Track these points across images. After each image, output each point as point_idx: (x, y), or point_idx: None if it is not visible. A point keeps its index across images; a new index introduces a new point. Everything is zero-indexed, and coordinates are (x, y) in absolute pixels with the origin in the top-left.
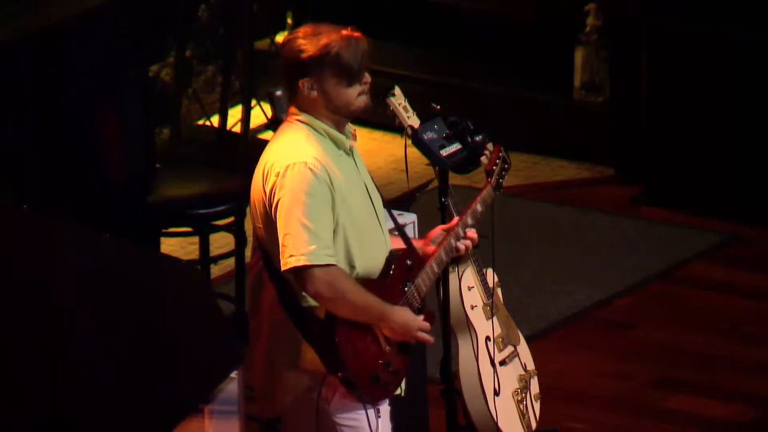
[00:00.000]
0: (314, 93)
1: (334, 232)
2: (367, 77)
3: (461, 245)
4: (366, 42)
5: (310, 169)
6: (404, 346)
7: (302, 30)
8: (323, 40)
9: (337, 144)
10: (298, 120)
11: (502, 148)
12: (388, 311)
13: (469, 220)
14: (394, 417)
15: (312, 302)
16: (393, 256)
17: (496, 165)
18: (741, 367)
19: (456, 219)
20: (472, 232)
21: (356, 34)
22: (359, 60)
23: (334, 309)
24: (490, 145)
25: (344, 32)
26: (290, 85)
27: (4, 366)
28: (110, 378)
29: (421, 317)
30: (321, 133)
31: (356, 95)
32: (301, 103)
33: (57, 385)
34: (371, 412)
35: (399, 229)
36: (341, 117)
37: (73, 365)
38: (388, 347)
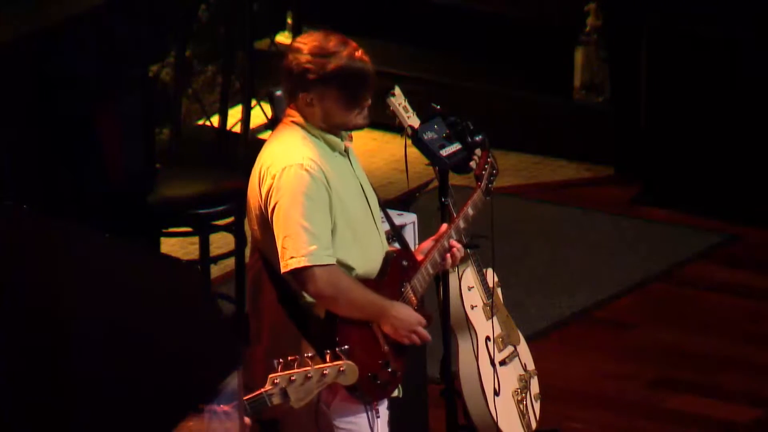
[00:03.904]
0: (311, 108)
1: (331, 232)
2: (368, 100)
3: (448, 259)
4: (372, 66)
5: (307, 171)
6: (403, 348)
7: (310, 42)
8: (332, 64)
9: (333, 146)
10: (293, 122)
11: (490, 154)
12: (388, 306)
13: (462, 224)
14: (393, 420)
15: (312, 301)
16: (388, 257)
17: (485, 170)
18: (741, 367)
19: (444, 226)
20: (455, 243)
21: (365, 57)
22: (365, 88)
23: (335, 308)
24: (478, 151)
25: (356, 55)
26: (290, 93)
27: (3, 366)
28: (109, 378)
29: None
30: (315, 136)
31: (354, 116)
32: (299, 108)
33: (56, 385)
34: (370, 414)
35: (395, 231)
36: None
37: (72, 365)
38: (386, 347)
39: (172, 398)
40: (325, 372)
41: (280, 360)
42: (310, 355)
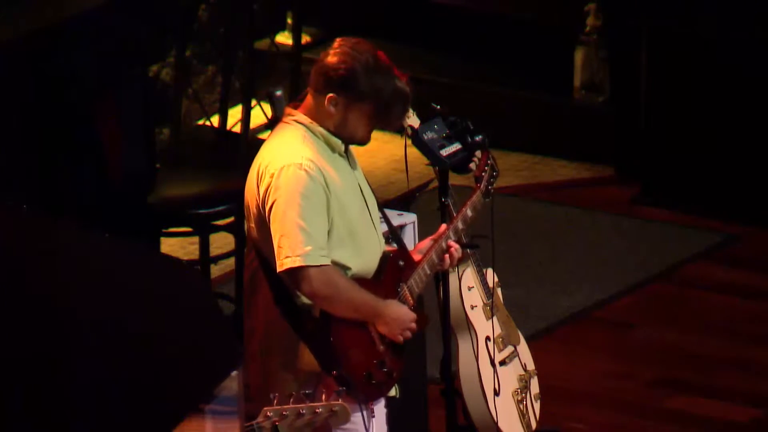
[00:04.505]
0: (332, 109)
1: (328, 232)
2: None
3: (446, 260)
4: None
5: (305, 171)
6: (399, 348)
7: (360, 53)
8: (382, 83)
9: (333, 146)
10: (295, 121)
11: (490, 156)
12: (382, 306)
13: (460, 225)
14: (391, 419)
15: (307, 301)
16: (385, 258)
17: (485, 172)
18: (741, 367)
19: (443, 226)
20: (452, 244)
21: (408, 88)
22: (400, 113)
23: (330, 307)
24: (478, 153)
25: (404, 80)
26: (316, 88)
27: (3, 366)
28: (110, 378)
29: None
30: (317, 135)
31: (368, 131)
32: (310, 106)
33: (56, 385)
34: (365, 413)
35: (392, 231)
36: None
37: (73, 365)
38: (382, 347)
39: (172, 398)
40: (317, 410)
41: (276, 394)
42: (307, 392)
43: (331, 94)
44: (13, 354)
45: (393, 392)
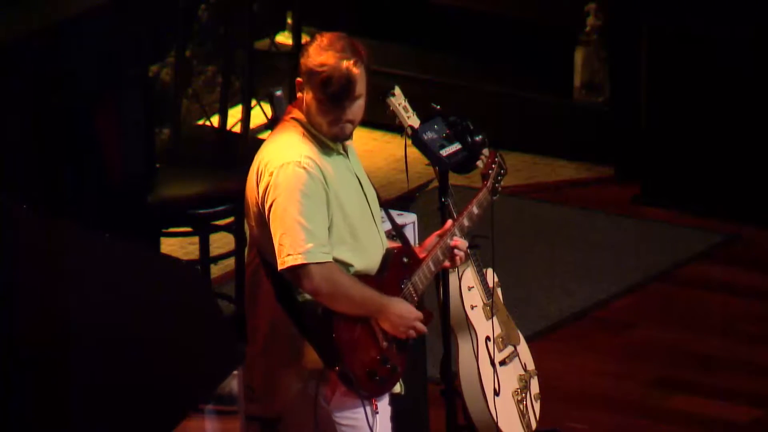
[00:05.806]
0: (300, 94)
1: (329, 230)
2: (351, 115)
3: (456, 260)
4: (359, 78)
5: (304, 169)
6: (402, 344)
7: (321, 39)
8: (319, 59)
9: (331, 144)
10: (293, 118)
11: (498, 153)
12: (386, 303)
13: (466, 222)
14: (395, 416)
15: (309, 297)
16: (389, 254)
17: (492, 169)
18: (741, 367)
19: (449, 222)
20: (457, 241)
21: (355, 70)
22: (340, 96)
23: (333, 304)
24: (486, 151)
25: (344, 63)
26: (298, 84)
27: (3, 366)
28: (110, 378)
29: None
30: (315, 133)
31: (329, 122)
32: (298, 101)
33: (56, 385)
34: (368, 409)
35: (396, 228)
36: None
37: (73, 365)
38: (385, 343)
39: (173, 398)
40: None
41: None
42: None
43: (297, 79)
44: (13, 354)
45: (398, 389)
